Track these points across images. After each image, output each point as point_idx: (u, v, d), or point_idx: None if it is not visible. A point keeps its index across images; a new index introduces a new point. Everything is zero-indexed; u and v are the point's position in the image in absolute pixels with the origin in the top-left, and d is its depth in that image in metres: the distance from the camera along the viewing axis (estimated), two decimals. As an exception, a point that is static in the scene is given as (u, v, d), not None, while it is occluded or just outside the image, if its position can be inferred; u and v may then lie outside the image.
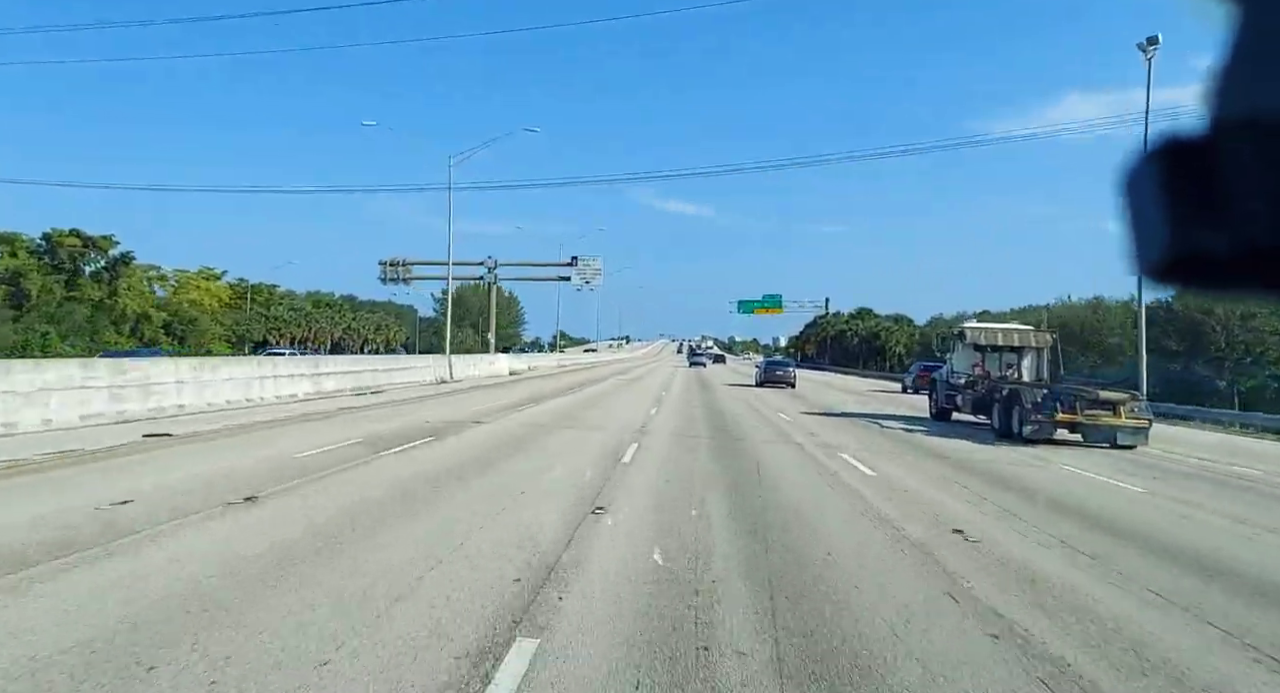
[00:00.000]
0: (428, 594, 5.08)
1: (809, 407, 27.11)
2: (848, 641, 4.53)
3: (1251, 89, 0.51)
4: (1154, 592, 5.92)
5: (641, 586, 5.44)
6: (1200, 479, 13.26)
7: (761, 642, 4.46)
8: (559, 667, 4.00)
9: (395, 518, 7.39)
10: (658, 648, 4.30)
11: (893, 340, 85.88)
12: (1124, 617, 5.25)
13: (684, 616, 4.84)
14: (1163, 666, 4.41)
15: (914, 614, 5.06)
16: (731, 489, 9.65)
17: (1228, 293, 0.53)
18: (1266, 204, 0.49)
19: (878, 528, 7.77)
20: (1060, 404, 16.95)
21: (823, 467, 12.10)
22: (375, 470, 10.14)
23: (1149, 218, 0.53)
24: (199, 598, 4.85)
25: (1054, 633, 4.83)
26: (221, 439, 13.00)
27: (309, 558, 5.85)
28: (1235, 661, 4.58)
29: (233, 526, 6.87)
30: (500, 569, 5.73)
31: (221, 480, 8.95)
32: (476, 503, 8.23)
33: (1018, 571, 6.33)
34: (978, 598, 5.47)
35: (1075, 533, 7.97)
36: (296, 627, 4.40)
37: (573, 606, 4.97)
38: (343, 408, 19.64)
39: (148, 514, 7.14)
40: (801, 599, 5.29)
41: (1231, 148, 0.50)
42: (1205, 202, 0.51)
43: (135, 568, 5.48)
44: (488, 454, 11.98)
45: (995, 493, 10.23)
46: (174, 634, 4.24)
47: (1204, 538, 8.27)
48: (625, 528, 7.24)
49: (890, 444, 16.25)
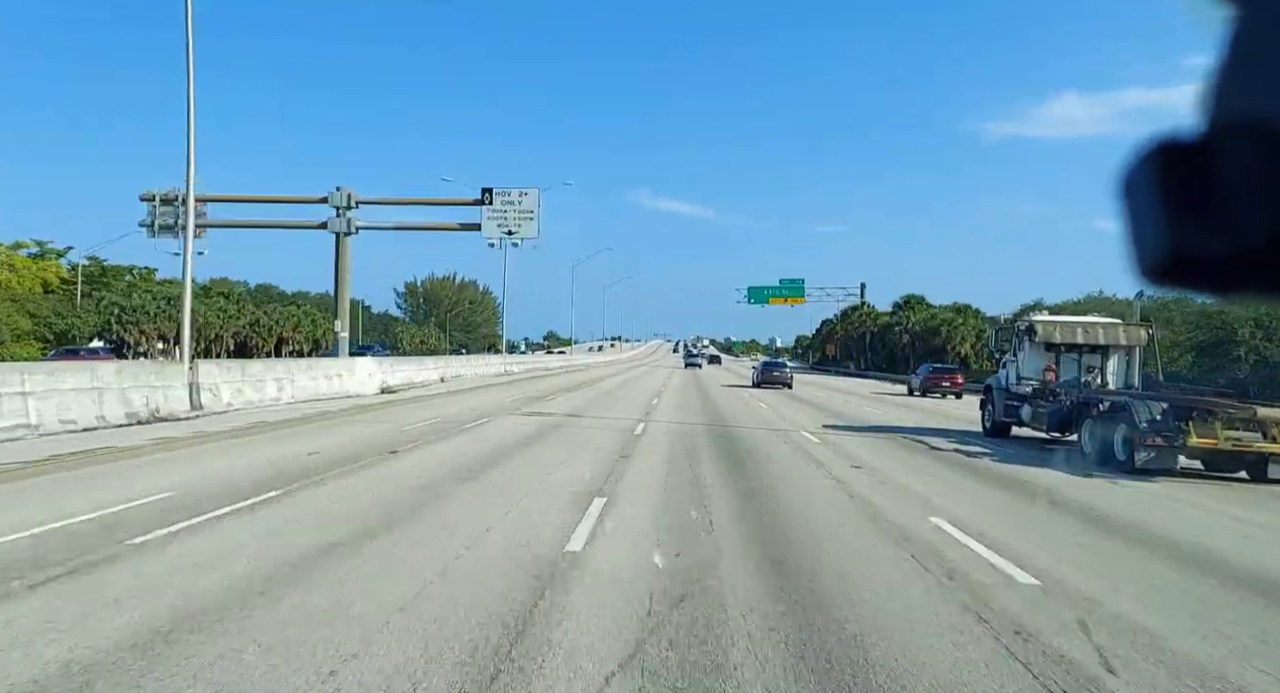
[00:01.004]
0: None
1: (830, 417, 22.57)
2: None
3: (1248, 91, 0.51)
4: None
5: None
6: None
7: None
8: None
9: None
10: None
11: (956, 337, 65.68)
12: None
13: None
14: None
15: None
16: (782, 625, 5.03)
17: (1225, 294, 0.54)
18: (1263, 206, 0.49)
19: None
20: (1192, 423, 12.47)
21: (923, 551, 6.91)
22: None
23: (1147, 219, 0.54)
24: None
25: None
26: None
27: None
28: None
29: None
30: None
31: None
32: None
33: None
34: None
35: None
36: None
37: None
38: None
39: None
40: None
41: (1228, 149, 0.51)
42: (1202, 203, 0.51)
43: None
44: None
45: (1217, 591, 5.84)
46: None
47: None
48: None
49: (971, 482, 11.68)
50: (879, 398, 35.67)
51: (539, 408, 22.48)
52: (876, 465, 12.67)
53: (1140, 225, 0.54)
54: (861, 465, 12.56)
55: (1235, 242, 0.50)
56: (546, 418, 19.32)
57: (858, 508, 9.03)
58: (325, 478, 9.87)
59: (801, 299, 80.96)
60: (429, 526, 7.41)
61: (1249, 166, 0.49)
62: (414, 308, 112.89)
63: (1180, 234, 0.52)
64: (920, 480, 11.34)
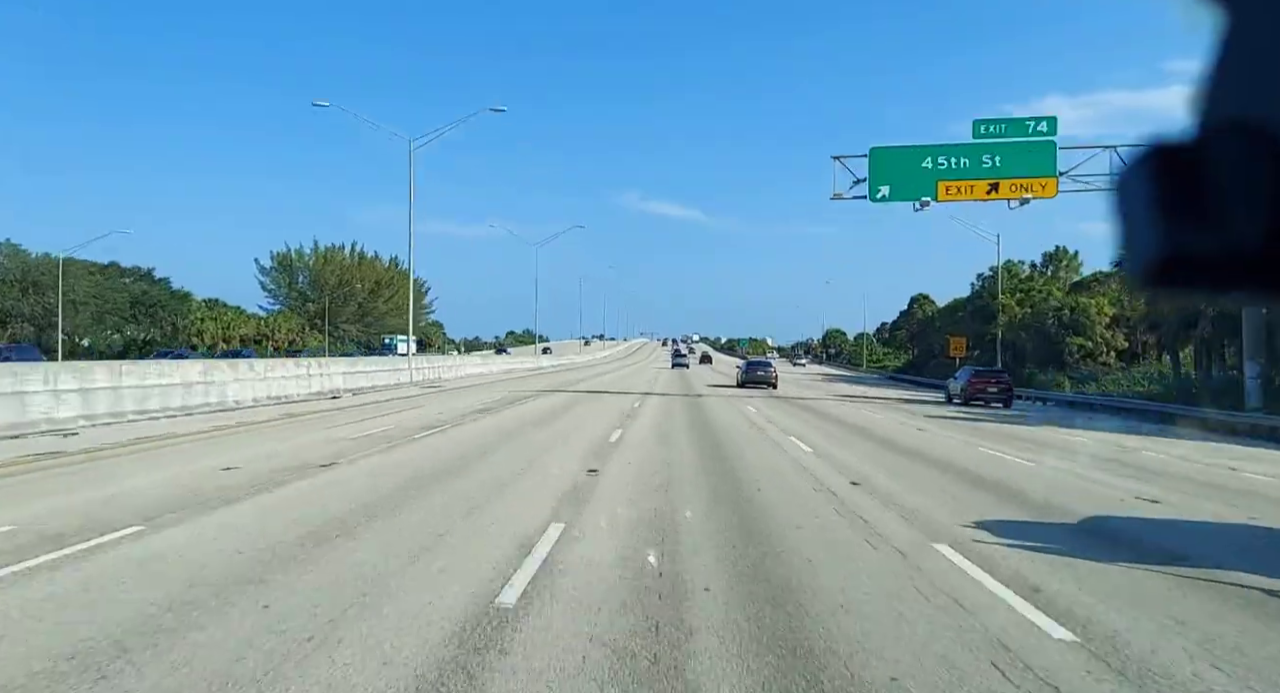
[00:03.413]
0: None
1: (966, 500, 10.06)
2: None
3: (1239, 93, 0.52)
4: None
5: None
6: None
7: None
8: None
9: None
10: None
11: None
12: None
13: None
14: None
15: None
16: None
17: (1216, 294, 0.54)
18: (1253, 207, 0.50)
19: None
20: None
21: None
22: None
23: (1139, 221, 0.54)
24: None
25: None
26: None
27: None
28: None
29: None
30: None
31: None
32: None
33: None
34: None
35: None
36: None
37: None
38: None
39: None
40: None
41: (1219, 151, 0.51)
42: (1194, 205, 0.52)
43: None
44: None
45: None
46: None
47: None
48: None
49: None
50: (924, 412, 27.75)
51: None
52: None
53: (1133, 227, 0.54)
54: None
55: (1227, 242, 0.50)
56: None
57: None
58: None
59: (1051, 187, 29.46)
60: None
61: (1240, 168, 0.50)
62: (285, 289, 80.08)
63: (1172, 235, 0.52)
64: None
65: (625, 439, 15.71)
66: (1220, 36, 0.53)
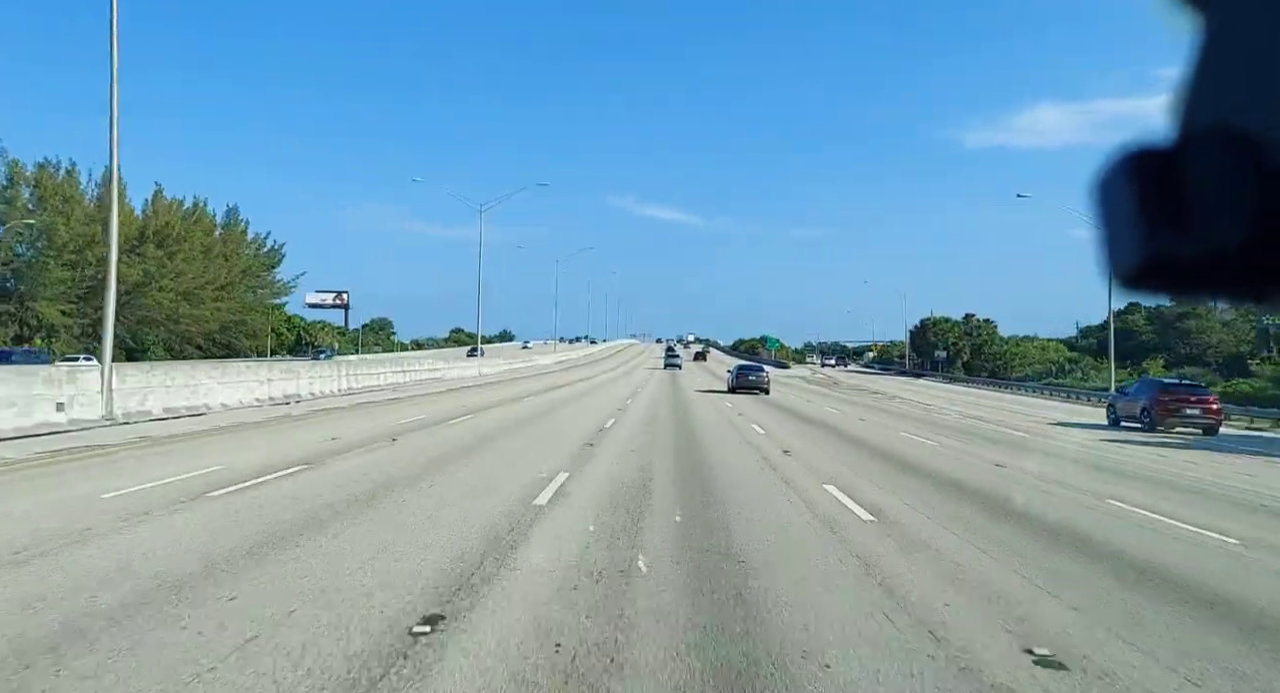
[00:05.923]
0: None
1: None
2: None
3: (1218, 98, 0.52)
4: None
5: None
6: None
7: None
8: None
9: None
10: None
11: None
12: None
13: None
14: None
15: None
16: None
17: (1197, 297, 0.55)
18: (1233, 210, 0.50)
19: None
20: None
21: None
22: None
23: (1120, 225, 0.54)
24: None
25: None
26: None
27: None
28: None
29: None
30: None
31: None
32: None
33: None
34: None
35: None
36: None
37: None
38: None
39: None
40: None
41: (1199, 156, 0.52)
42: (1174, 209, 0.52)
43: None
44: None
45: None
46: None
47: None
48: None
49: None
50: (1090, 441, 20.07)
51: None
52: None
53: (1115, 231, 0.55)
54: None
55: (1208, 246, 0.50)
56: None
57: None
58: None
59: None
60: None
61: (1220, 172, 0.50)
62: (54, 251, 53.14)
63: (1154, 239, 0.52)
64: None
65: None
66: (1199, 42, 0.53)
